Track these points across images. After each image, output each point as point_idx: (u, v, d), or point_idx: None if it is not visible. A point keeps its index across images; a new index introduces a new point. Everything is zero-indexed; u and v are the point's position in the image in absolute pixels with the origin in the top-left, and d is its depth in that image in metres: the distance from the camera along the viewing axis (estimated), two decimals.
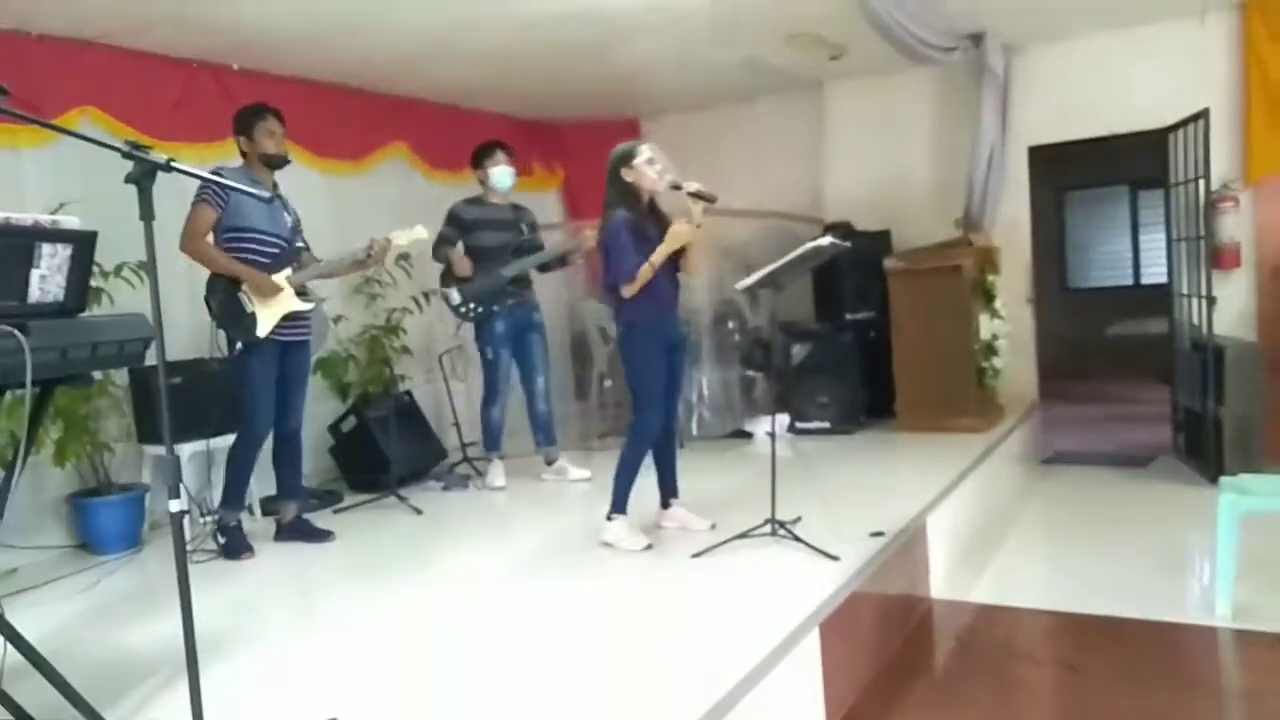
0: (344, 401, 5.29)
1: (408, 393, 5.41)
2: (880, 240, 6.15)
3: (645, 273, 3.48)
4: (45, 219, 2.10)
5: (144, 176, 1.99)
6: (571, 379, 6.70)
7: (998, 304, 5.60)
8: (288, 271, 3.84)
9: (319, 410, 5.22)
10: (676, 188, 3.50)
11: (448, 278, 4.88)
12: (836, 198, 6.60)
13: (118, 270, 3.99)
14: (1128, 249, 9.99)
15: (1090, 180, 9.67)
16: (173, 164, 2.02)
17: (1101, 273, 10.15)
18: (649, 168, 3.53)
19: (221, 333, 3.80)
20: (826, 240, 3.64)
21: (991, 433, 5.24)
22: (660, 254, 3.49)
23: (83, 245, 2.11)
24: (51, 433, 3.96)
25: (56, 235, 2.05)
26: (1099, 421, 7.20)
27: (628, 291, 3.50)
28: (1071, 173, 9.17)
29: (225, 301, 3.74)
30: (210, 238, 3.73)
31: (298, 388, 3.95)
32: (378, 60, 5.19)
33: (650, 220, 3.58)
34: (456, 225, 4.84)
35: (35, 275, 2.03)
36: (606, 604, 3.02)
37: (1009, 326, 5.67)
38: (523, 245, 4.85)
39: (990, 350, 5.49)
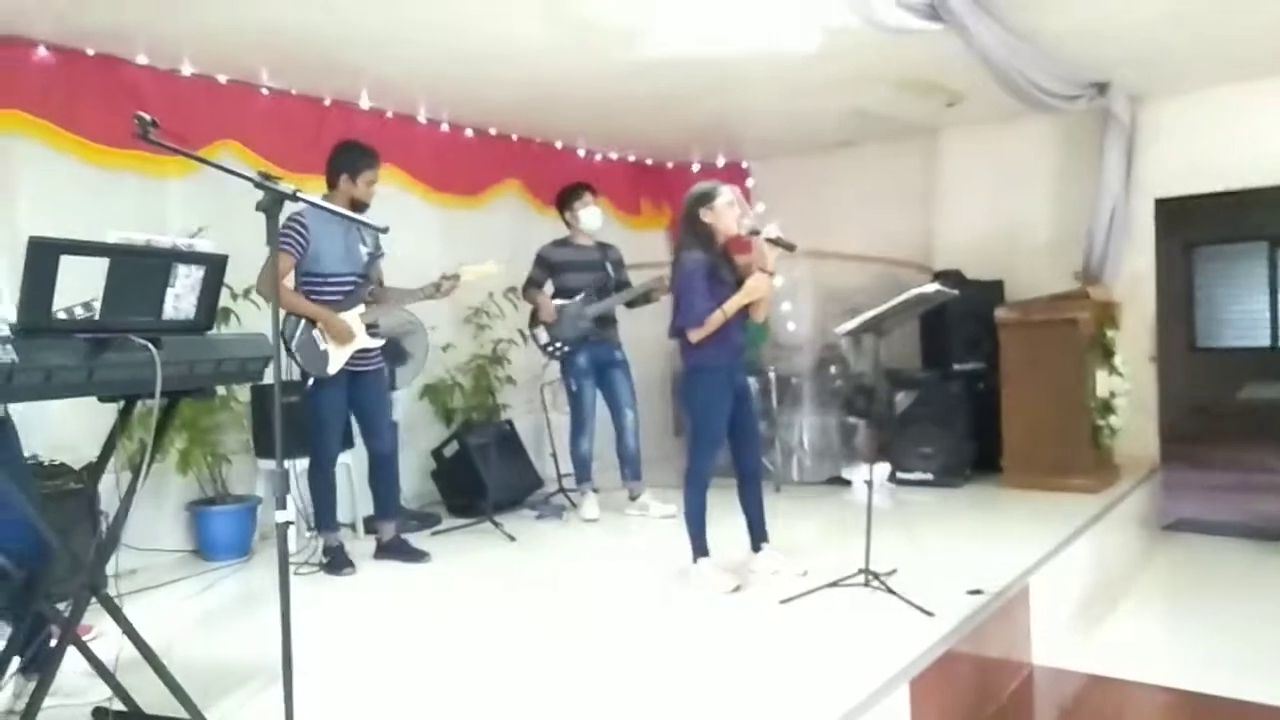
0: (448, 427, 5.39)
1: (509, 422, 5.50)
2: (992, 290, 6.01)
3: (716, 320, 3.45)
4: (183, 242, 2.25)
5: (272, 205, 2.12)
6: (671, 416, 6.71)
7: (1117, 360, 5.41)
8: (360, 308, 3.91)
9: (424, 435, 5.34)
10: (755, 233, 3.48)
11: (534, 318, 4.96)
12: (947, 246, 6.49)
13: (246, 293, 4.18)
14: (1264, 308, 9.44)
15: (1222, 235, 9.19)
16: (298, 194, 2.13)
17: (1234, 332, 9.61)
18: (729, 210, 3.51)
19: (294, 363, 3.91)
20: (932, 286, 3.61)
21: (1106, 494, 5.07)
22: (735, 304, 3.47)
23: (214, 268, 2.25)
24: (176, 443, 4.17)
25: (191, 258, 2.18)
26: (1228, 489, 6.80)
27: (696, 336, 3.48)
28: (1201, 227, 8.73)
29: (302, 338, 3.85)
30: (290, 280, 3.85)
31: (378, 413, 4.02)
32: (496, 103, 5.34)
33: (724, 264, 3.56)
34: (544, 267, 4.91)
35: (170, 294, 2.17)
36: (690, 645, 3.00)
37: (1129, 384, 5.46)
38: (607, 285, 4.89)
39: (1107, 408, 5.30)
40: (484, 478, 4.97)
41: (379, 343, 3.97)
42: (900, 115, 5.96)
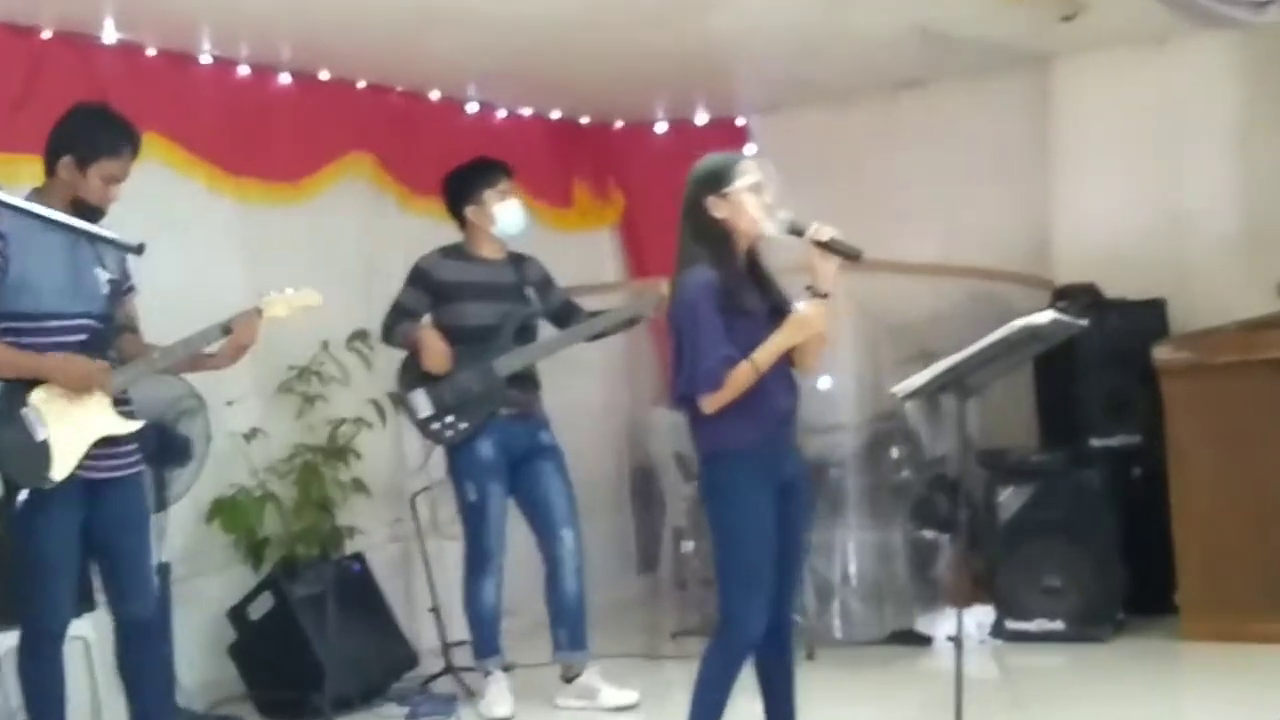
0: (256, 570, 5.33)
1: (358, 558, 5.49)
2: (1148, 315, 6.02)
3: (742, 376, 3.56)
4: None
5: None
6: (632, 538, 6.79)
7: None
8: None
9: (214, 584, 5.30)
10: (797, 232, 3.60)
11: (410, 374, 5.03)
12: (1072, 246, 6.50)
13: None
14: None
15: None
16: None
17: None
18: (753, 197, 3.64)
19: None
20: (1048, 315, 3.71)
21: None
22: (773, 349, 3.60)
23: None
24: None
25: None
26: None
27: (712, 404, 3.59)
28: None
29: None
30: None
31: (131, 551, 4.00)
32: (330, 29, 5.26)
33: (750, 285, 3.71)
34: (424, 289, 5.06)
35: None
36: None
37: None
38: (530, 321, 5.07)
39: None
40: (317, 653, 4.96)
41: (133, 427, 3.94)
42: (991, 35, 5.92)
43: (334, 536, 5.40)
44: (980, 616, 5.63)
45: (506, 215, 5.03)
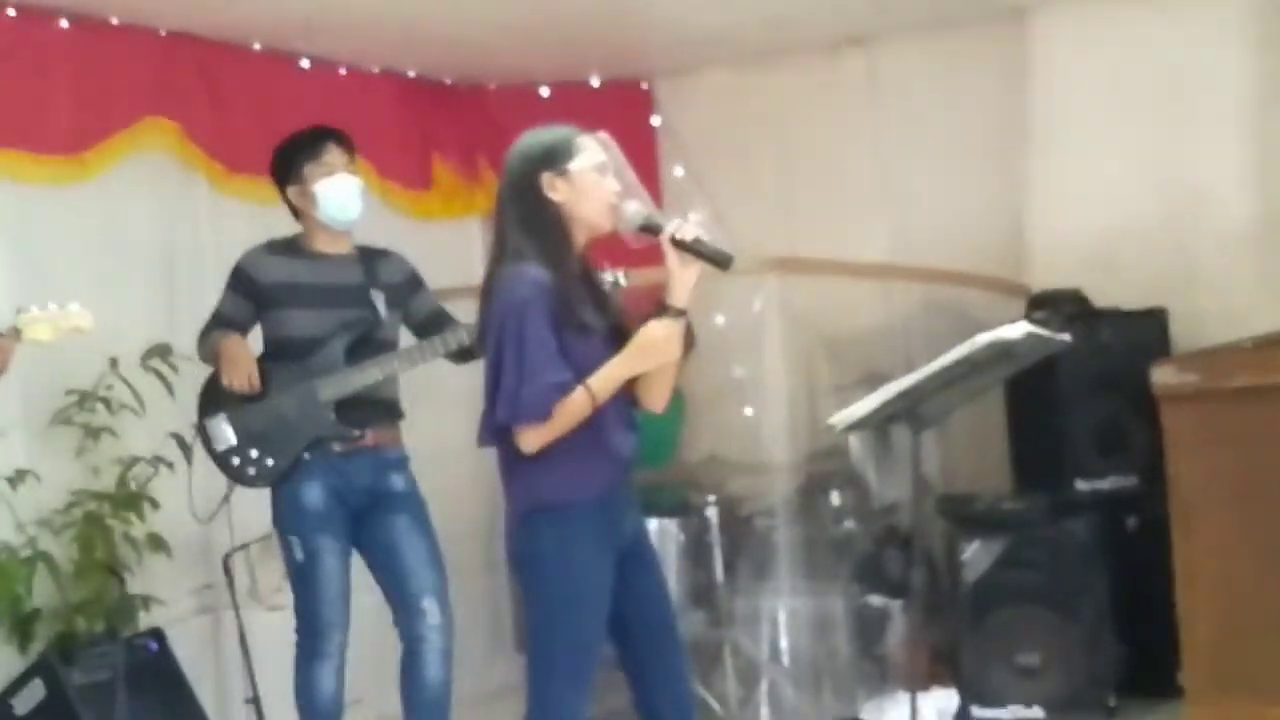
0: (22, 651, 5.28)
1: (156, 634, 5.44)
2: (1146, 329, 6.13)
3: (576, 407, 3.56)
4: None
5: None
6: (508, 606, 6.75)
7: None
8: None
9: None
10: (651, 229, 3.62)
11: (213, 395, 5.00)
12: (1052, 244, 6.60)
13: None
14: None
15: None
16: None
17: None
18: (598, 179, 3.67)
19: None
20: (1022, 329, 3.76)
21: None
22: (610, 379, 3.60)
23: None
24: None
25: None
26: None
27: (533, 440, 3.58)
28: None
29: None
30: None
31: None
32: None
33: (588, 290, 3.73)
34: (246, 293, 5.01)
35: None
36: None
37: None
38: (372, 334, 4.99)
39: None
40: None
41: None
42: None
43: (124, 608, 5.33)
44: (940, 702, 5.60)
45: (331, 195, 4.93)
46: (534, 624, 3.68)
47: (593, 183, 3.62)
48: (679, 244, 3.52)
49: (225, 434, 4.92)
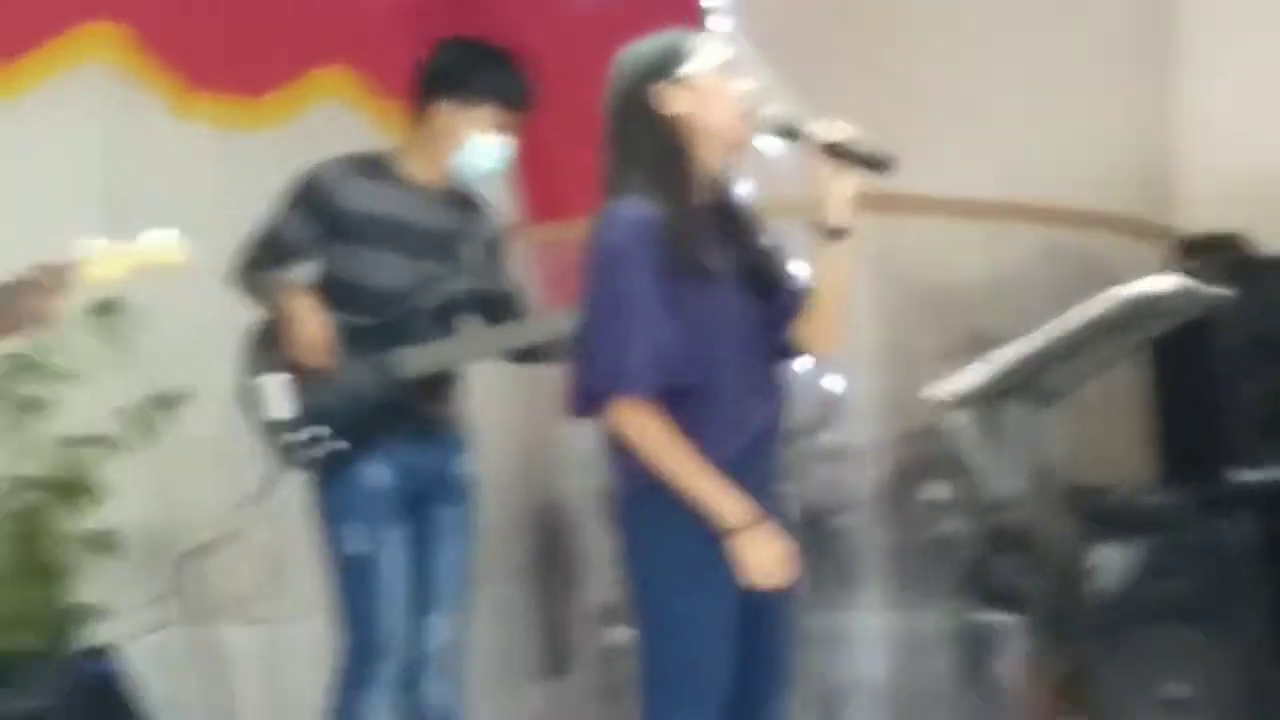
0: None
1: (105, 653, 5.45)
2: None
3: (664, 446, 3.58)
4: None
5: None
6: (532, 621, 6.81)
7: None
8: None
9: None
10: (790, 134, 3.65)
11: (263, 351, 4.97)
12: (1206, 177, 6.64)
13: None
14: None
15: None
16: None
17: None
18: (723, 84, 3.69)
19: None
20: (1169, 282, 3.79)
21: None
22: (703, 496, 3.60)
23: None
24: None
25: None
26: None
27: (634, 417, 3.59)
28: None
29: None
30: None
31: None
32: None
33: (714, 229, 3.74)
34: (319, 214, 4.97)
35: None
36: None
37: None
38: (456, 295, 5.03)
39: None
40: None
41: None
42: None
43: (66, 621, 5.37)
44: None
45: (486, 154, 4.98)
46: (646, 631, 3.70)
47: (718, 86, 3.65)
48: (830, 148, 3.55)
49: (281, 401, 4.89)
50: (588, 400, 3.62)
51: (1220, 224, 6.24)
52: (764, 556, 3.56)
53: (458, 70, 4.99)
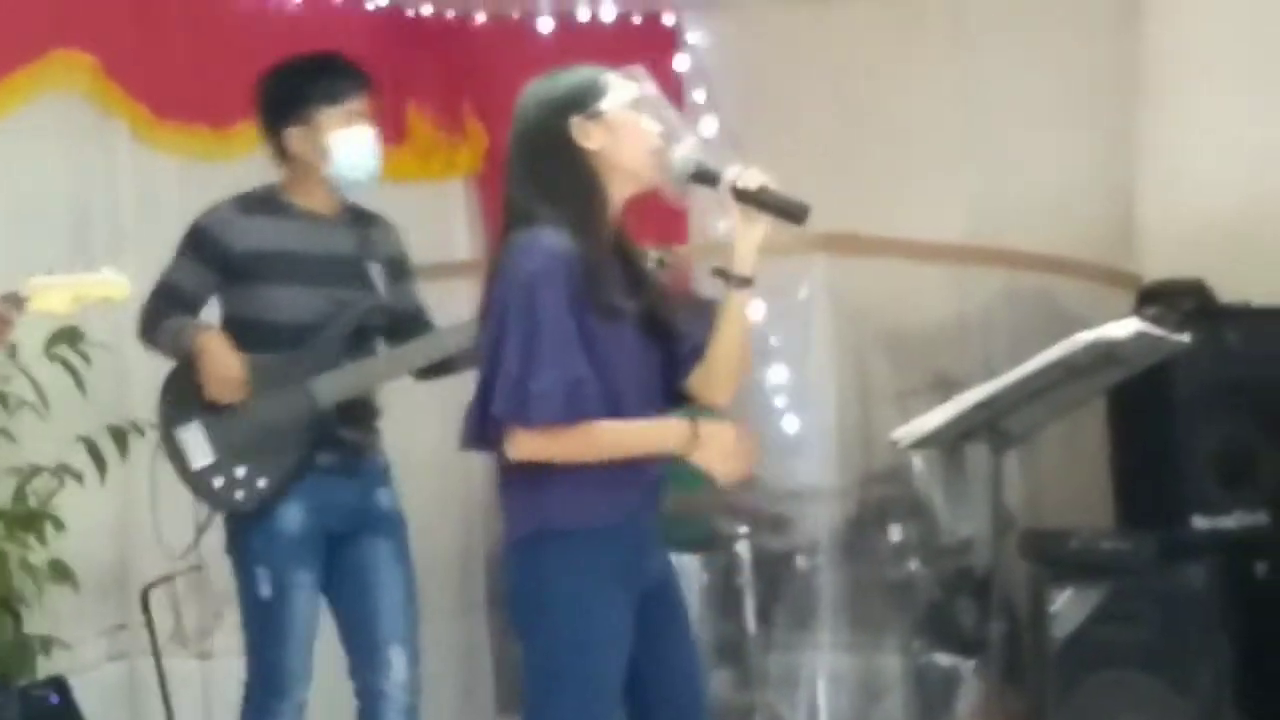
0: None
1: (58, 684, 5.42)
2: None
3: (605, 443, 3.61)
4: None
5: None
6: (488, 658, 6.78)
7: None
8: None
9: None
10: (706, 178, 3.65)
11: (181, 398, 4.94)
12: (1169, 224, 6.63)
13: None
14: None
15: None
16: None
17: None
18: (637, 123, 3.70)
19: None
20: (1130, 327, 3.79)
21: None
22: (655, 441, 3.66)
23: None
24: None
25: None
26: None
27: (525, 447, 3.59)
28: None
29: None
30: None
31: None
32: None
33: (619, 264, 3.75)
34: (210, 261, 4.97)
35: None
36: None
37: None
38: (370, 317, 4.99)
39: None
40: None
41: None
42: None
43: (19, 652, 5.34)
44: None
45: (351, 149, 4.91)
46: (534, 680, 3.69)
47: (632, 123, 3.65)
48: (742, 194, 3.54)
49: (202, 448, 4.86)
50: (480, 433, 3.63)
51: (1182, 271, 6.22)
52: (724, 455, 3.58)
53: (282, 96, 4.97)
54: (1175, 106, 6.65)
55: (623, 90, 3.66)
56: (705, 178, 3.58)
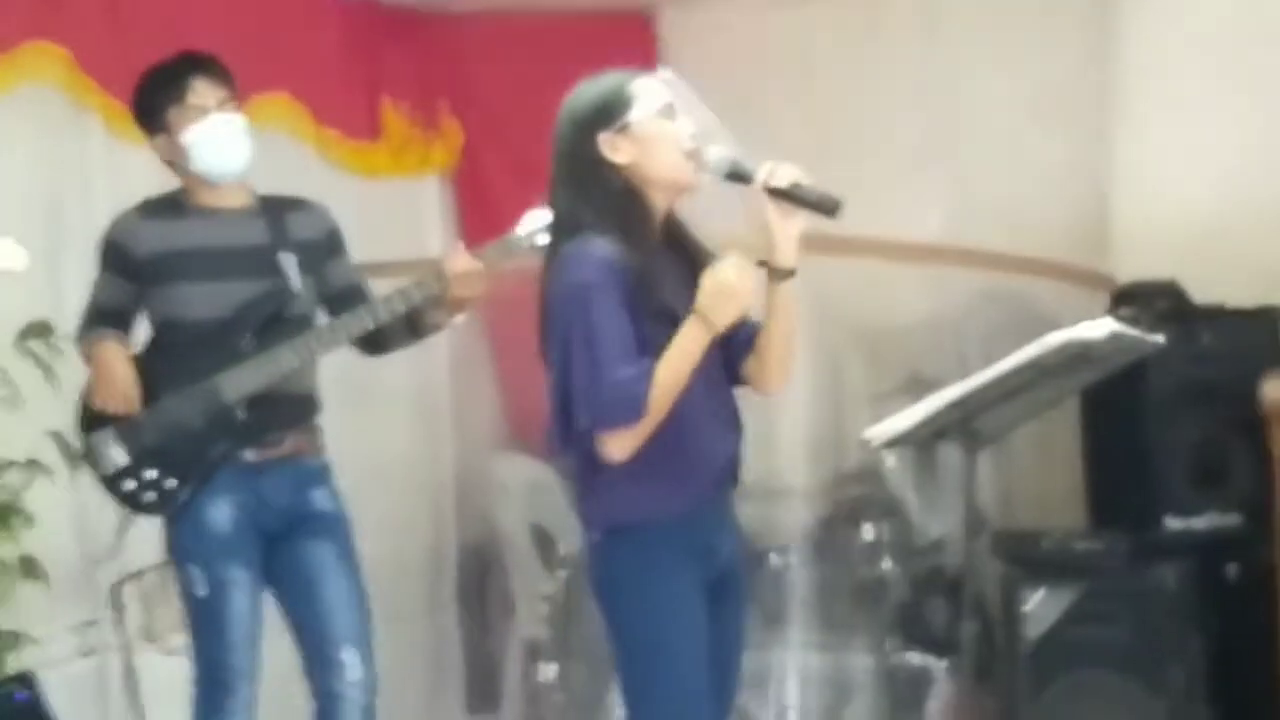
0: None
1: (26, 680, 5.32)
2: (1256, 331, 6.12)
3: (665, 388, 3.59)
4: None
5: None
6: (459, 657, 6.78)
7: None
8: None
9: None
10: (740, 177, 3.67)
11: (87, 408, 4.98)
12: (1142, 226, 6.64)
13: None
14: None
15: None
16: None
17: None
18: (665, 126, 3.71)
19: None
20: (1104, 328, 3.80)
21: None
22: (687, 346, 3.61)
23: None
24: None
25: None
26: None
27: (622, 447, 3.60)
28: None
29: None
30: None
31: None
32: None
33: (672, 263, 3.80)
34: (121, 271, 5.01)
35: None
36: None
37: None
38: (285, 309, 4.97)
39: None
40: None
41: None
42: None
43: None
44: None
45: (204, 145, 4.87)
46: (628, 665, 3.78)
47: (661, 132, 3.67)
48: (776, 192, 3.58)
49: (113, 453, 4.89)
50: (568, 440, 3.65)
51: (1156, 272, 6.23)
52: (732, 298, 3.57)
53: (143, 106, 5.00)
54: (1148, 109, 6.67)
55: (651, 97, 3.69)
56: (740, 176, 3.63)
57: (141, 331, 5.01)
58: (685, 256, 3.78)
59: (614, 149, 3.66)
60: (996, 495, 6.00)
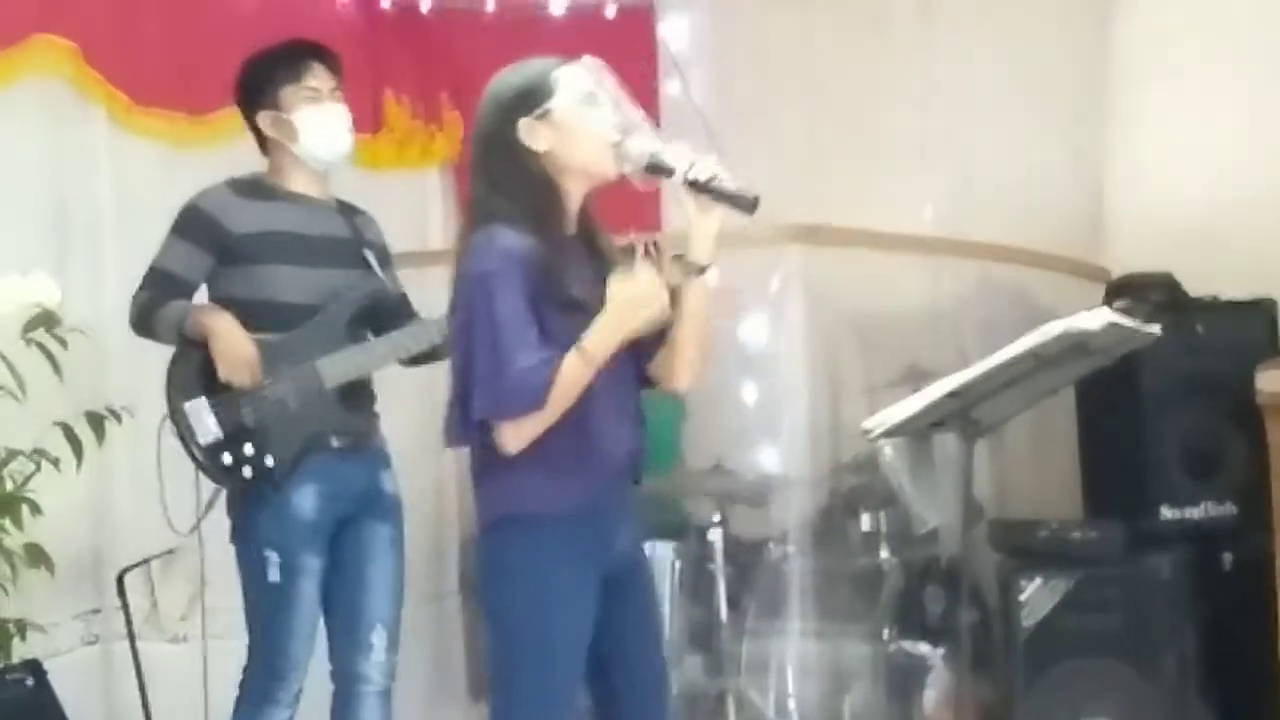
0: None
1: (33, 668, 5.36)
2: (1251, 323, 6.13)
3: (569, 380, 3.58)
4: None
5: None
6: (460, 646, 6.75)
7: None
8: None
9: None
10: (660, 170, 3.67)
11: (186, 378, 4.93)
12: (1138, 218, 6.66)
13: None
14: None
15: None
16: None
17: None
18: (586, 115, 3.71)
19: None
20: (1100, 318, 3.78)
21: None
22: (601, 340, 3.61)
23: None
24: None
25: None
26: None
27: (518, 437, 3.62)
28: None
29: None
30: None
31: None
32: None
33: (582, 260, 3.79)
34: (207, 244, 4.96)
35: None
36: None
37: None
38: (379, 302, 5.01)
39: None
40: None
41: None
42: None
43: None
44: None
45: (316, 127, 4.92)
46: (497, 656, 3.73)
47: (582, 120, 3.65)
48: (695, 185, 3.56)
49: (209, 424, 4.85)
50: (464, 429, 3.67)
51: (1151, 264, 6.23)
52: (643, 302, 3.58)
53: (251, 82, 5.00)
54: (1143, 102, 6.68)
55: (573, 86, 3.67)
56: (660, 169, 3.61)
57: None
58: (596, 249, 3.79)
59: (533, 135, 3.65)
60: (993, 485, 6.00)
